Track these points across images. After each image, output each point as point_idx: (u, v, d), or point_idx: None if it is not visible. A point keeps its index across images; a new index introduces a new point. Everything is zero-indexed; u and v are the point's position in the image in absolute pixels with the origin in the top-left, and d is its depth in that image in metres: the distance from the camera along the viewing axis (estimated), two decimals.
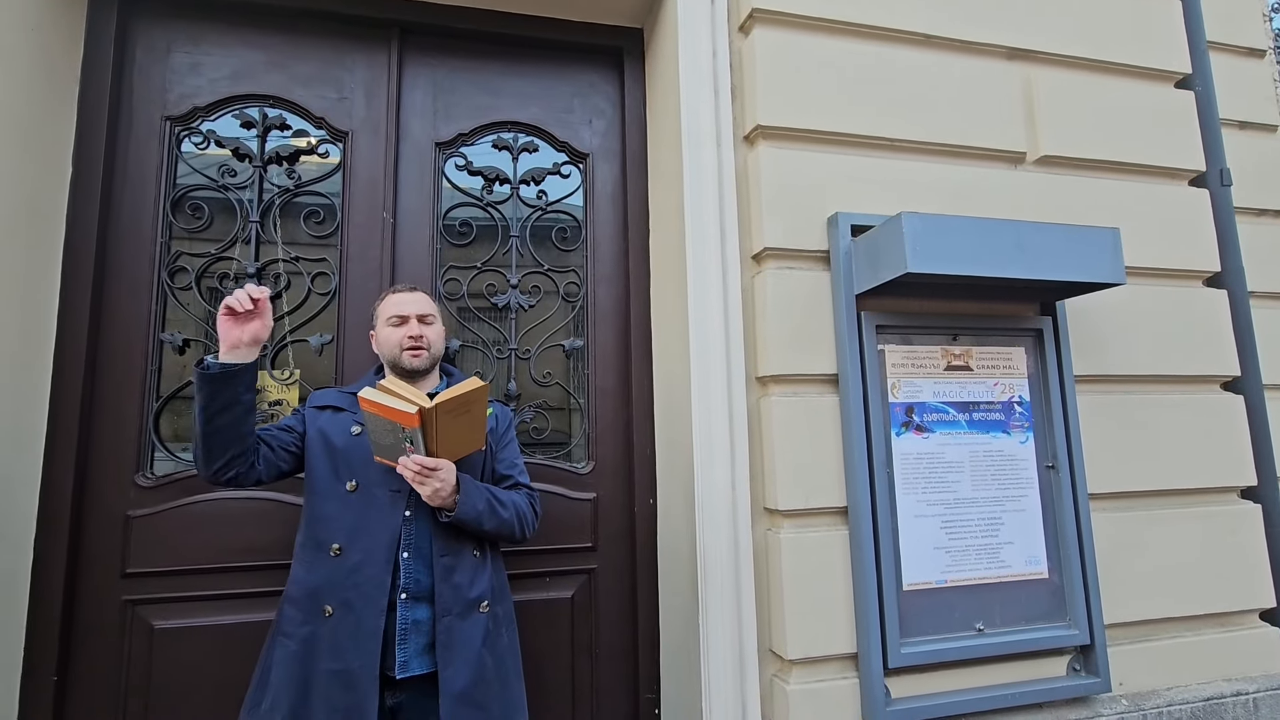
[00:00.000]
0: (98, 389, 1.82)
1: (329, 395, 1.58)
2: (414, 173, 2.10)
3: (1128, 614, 1.90)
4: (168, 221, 1.93)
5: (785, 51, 1.90)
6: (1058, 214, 2.02)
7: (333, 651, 1.34)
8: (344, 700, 1.32)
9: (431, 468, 1.34)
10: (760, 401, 1.81)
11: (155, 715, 1.73)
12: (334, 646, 1.35)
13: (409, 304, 1.57)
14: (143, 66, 1.96)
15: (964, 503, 1.78)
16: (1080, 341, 1.99)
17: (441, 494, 1.36)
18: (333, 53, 2.09)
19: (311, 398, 1.59)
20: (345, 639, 1.35)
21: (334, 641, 1.35)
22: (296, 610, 1.40)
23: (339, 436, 1.48)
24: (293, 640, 1.37)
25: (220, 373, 1.31)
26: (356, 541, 1.40)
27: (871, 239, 1.72)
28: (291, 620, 1.39)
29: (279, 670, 1.37)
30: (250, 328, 1.34)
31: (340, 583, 1.38)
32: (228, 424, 1.33)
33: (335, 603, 1.37)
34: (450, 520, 1.40)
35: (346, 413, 1.52)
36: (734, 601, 1.73)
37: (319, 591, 1.38)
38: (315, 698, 1.33)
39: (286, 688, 1.34)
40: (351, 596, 1.37)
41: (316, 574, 1.40)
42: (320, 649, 1.35)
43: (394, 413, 1.27)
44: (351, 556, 1.39)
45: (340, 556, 1.39)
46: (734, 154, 1.90)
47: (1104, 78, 2.17)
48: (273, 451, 1.45)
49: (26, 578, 1.68)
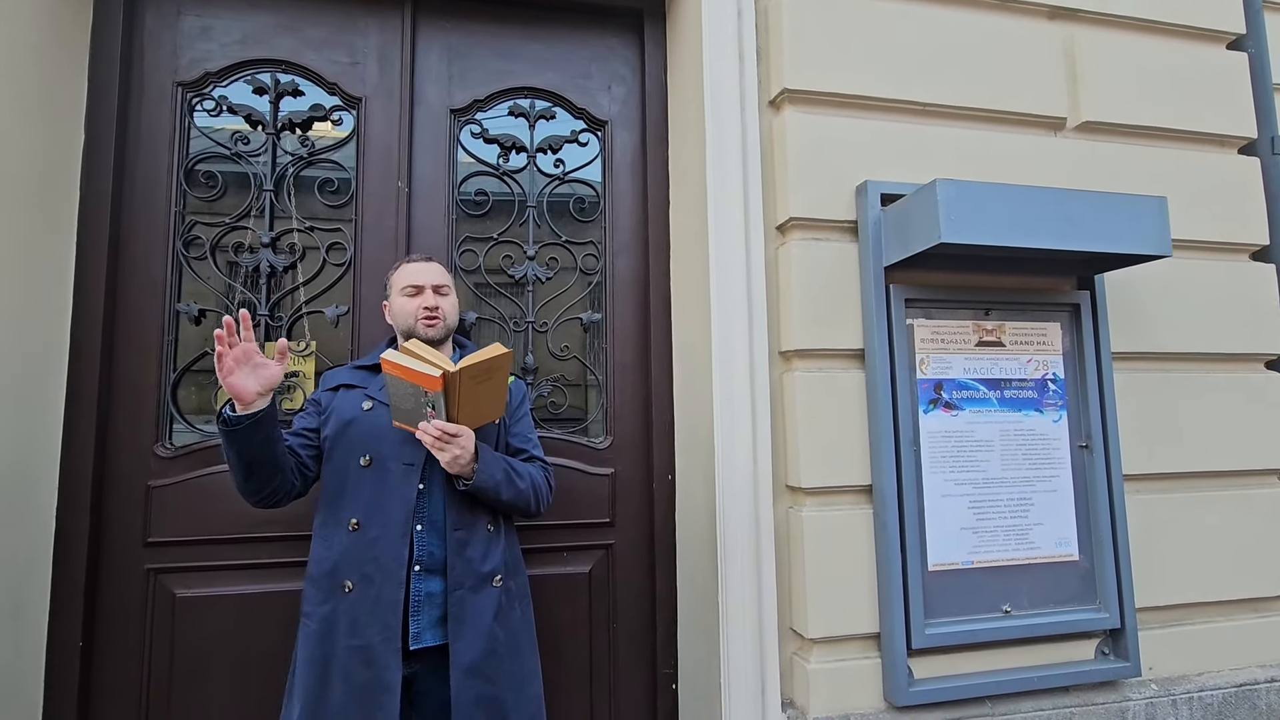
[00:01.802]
0: (115, 360, 1.81)
1: (340, 374, 1.57)
2: (429, 141, 2.05)
3: (1159, 598, 1.85)
4: (181, 190, 1.90)
5: (814, 11, 1.81)
6: (1098, 182, 1.93)
7: (351, 628, 1.34)
8: (363, 676, 1.31)
9: (452, 433, 1.31)
10: (783, 377, 1.76)
11: (179, 681, 1.75)
12: (353, 622, 1.34)
13: (424, 274, 1.55)
14: (152, 30, 1.91)
15: (993, 482, 1.73)
16: (1118, 316, 1.91)
17: (460, 461, 1.34)
18: (345, 16, 2.03)
19: (323, 380, 1.59)
20: (364, 613, 1.34)
21: (353, 617, 1.34)
22: (316, 589, 1.39)
23: (351, 413, 1.47)
24: (313, 620, 1.38)
25: (246, 425, 1.27)
26: (373, 516, 1.39)
27: (902, 208, 1.65)
28: (311, 600, 1.40)
29: (300, 652, 1.37)
30: (264, 376, 1.29)
31: (359, 557, 1.37)
32: (263, 461, 1.32)
33: (355, 577, 1.36)
34: (467, 489, 1.38)
35: (358, 389, 1.51)
36: (754, 579, 1.70)
37: (338, 567, 1.38)
38: (334, 676, 1.32)
39: (305, 668, 1.35)
40: (370, 570, 1.36)
41: (335, 549, 1.39)
42: (340, 626, 1.35)
43: (417, 375, 1.25)
44: (369, 531, 1.38)
45: (358, 531, 1.38)
46: (758, 120, 1.83)
47: (1151, 38, 2.05)
48: (303, 464, 1.46)
49: (49, 547, 1.69)
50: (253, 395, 1.27)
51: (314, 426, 1.50)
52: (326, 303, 1.97)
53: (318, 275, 1.98)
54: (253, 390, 1.27)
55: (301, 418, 1.52)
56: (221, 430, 1.28)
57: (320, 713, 1.32)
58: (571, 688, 1.94)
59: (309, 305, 1.96)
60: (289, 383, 1.95)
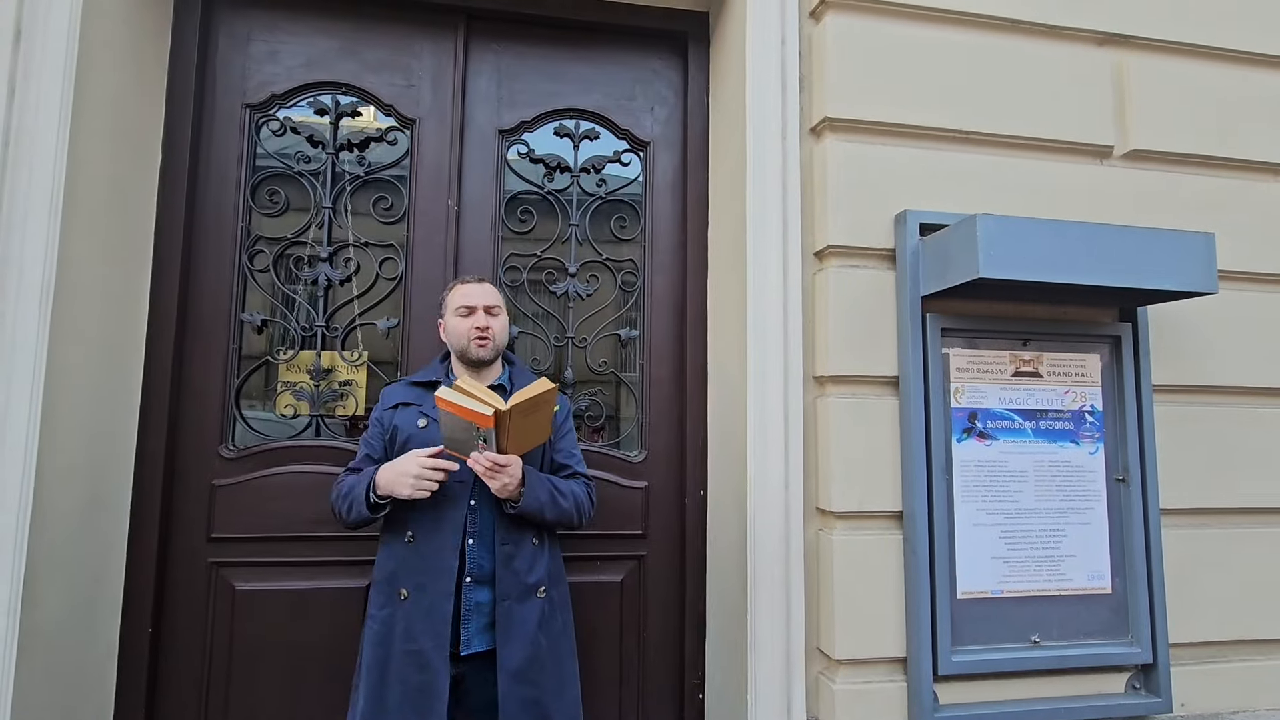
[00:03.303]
0: (185, 367, 1.93)
1: (396, 392, 1.65)
2: (477, 160, 2.13)
3: (1195, 634, 1.84)
4: (247, 207, 2.01)
5: (858, 40, 1.83)
6: (1144, 212, 1.91)
7: (406, 633, 1.44)
8: (417, 679, 1.41)
9: (503, 464, 1.40)
10: (817, 401, 1.80)
11: (237, 669, 1.87)
12: (408, 629, 1.44)
13: (476, 295, 1.62)
14: (224, 55, 2.03)
15: (1026, 513, 1.74)
16: (1160, 348, 1.89)
17: (509, 487, 1.43)
18: (401, 39, 2.12)
19: (383, 397, 1.66)
20: (418, 621, 1.44)
21: (408, 624, 1.44)
22: (378, 593, 1.50)
23: (409, 431, 1.56)
24: (375, 622, 1.48)
25: (386, 504, 1.47)
26: (428, 529, 1.48)
27: (941, 240, 1.67)
28: (375, 603, 1.50)
29: (365, 651, 1.48)
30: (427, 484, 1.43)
31: (414, 567, 1.47)
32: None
33: (410, 586, 1.46)
34: (515, 512, 1.47)
35: (414, 407, 1.59)
36: (783, 598, 1.74)
37: (395, 575, 1.48)
38: (392, 676, 1.43)
39: (369, 669, 1.46)
40: (424, 580, 1.46)
41: (394, 559, 1.50)
42: (396, 630, 1.45)
43: (471, 414, 1.33)
44: (424, 543, 1.48)
45: (413, 543, 1.48)
46: (799, 147, 1.85)
47: (1204, 64, 2.02)
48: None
49: (124, 542, 1.82)
50: (414, 492, 1.44)
51: (380, 445, 1.60)
52: (378, 315, 2.06)
53: (371, 288, 2.07)
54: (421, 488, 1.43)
55: (370, 443, 1.61)
56: (368, 506, 1.47)
57: (380, 712, 1.42)
58: (602, 691, 2.01)
59: (362, 317, 2.07)
60: (340, 390, 2.05)
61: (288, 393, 2.02)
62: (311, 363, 2.02)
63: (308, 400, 2.01)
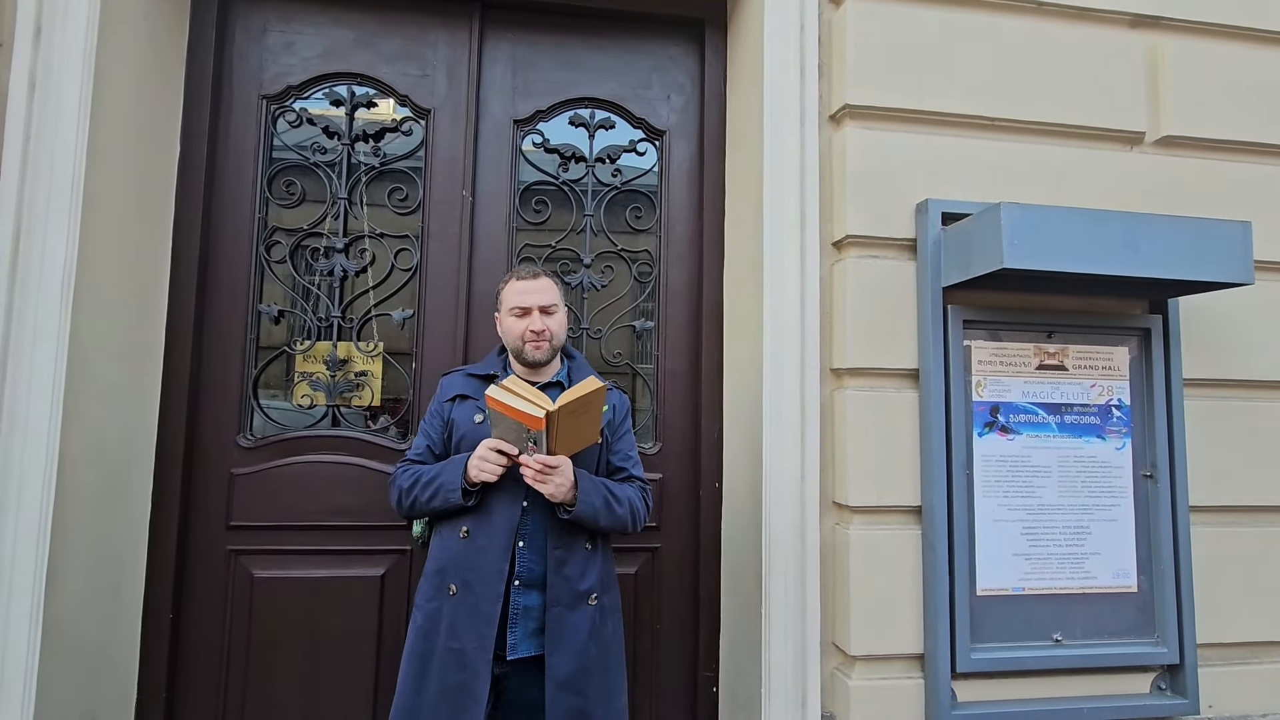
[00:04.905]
0: (203, 357, 1.95)
1: (455, 383, 1.60)
2: (492, 151, 2.12)
3: (1223, 634, 1.79)
4: (264, 198, 2.02)
5: (878, 24, 1.79)
6: (1176, 199, 1.85)
7: (450, 630, 1.42)
8: (457, 678, 1.39)
9: (553, 465, 1.36)
10: (834, 394, 1.77)
11: (255, 653, 1.90)
12: (452, 626, 1.42)
13: (531, 294, 1.53)
14: (241, 47, 2.03)
15: (1049, 509, 1.70)
16: (1191, 341, 1.83)
17: (561, 490, 1.39)
18: (417, 29, 2.11)
19: (442, 388, 1.61)
20: (463, 619, 1.41)
21: (453, 620, 1.42)
22: (428, 584, 1.48)
23: (466, 426, 1.53)
24: (421, 613, 1.47)
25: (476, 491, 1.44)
26: (481, 527, 1.45)
27: (964, 229, 1.63)
28: (423, 594, 1.49)
29: (409, 643, 1.47)
30: (490, 466, 1.41)
31: (465, 564, 1.44)
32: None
33: (458, 582, 1.44)
34: (569, 517, 1.43)
35: (471, 400, 1.55)
36: (798, 592, 1.72)
37: (446, 569, 1.46)
38: (432, 671, 1.42)
39: (411, 659, 1.45)
40: (472, 578, 1.43)
41: (447, 553, 1.47)
42: (442, 625, 1.43)
43: (520, 414, 1.30)
44: (477, 540, 1.45)
45: (468, 539, 1.45)
46: (818, 135, 1.82)
47: (1242, 46, 1.95)
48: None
49: (145, 529, 1.85)
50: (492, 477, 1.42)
51: (439, 437, 1.57)
52: (393, 306, 2.07)
53: (386, 279, 2.08)
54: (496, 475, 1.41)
55: (429, 433, 1.58)
56: (454, 496, 1.43)
57: (418, 706, 1.41)
58: None
59: (377, 308, 2.07)
60: (356, 381, 2.06)
61: (304, 383, 2.03)
62: (328, 353, 2.03)
63: (324, 390, 2.02)
